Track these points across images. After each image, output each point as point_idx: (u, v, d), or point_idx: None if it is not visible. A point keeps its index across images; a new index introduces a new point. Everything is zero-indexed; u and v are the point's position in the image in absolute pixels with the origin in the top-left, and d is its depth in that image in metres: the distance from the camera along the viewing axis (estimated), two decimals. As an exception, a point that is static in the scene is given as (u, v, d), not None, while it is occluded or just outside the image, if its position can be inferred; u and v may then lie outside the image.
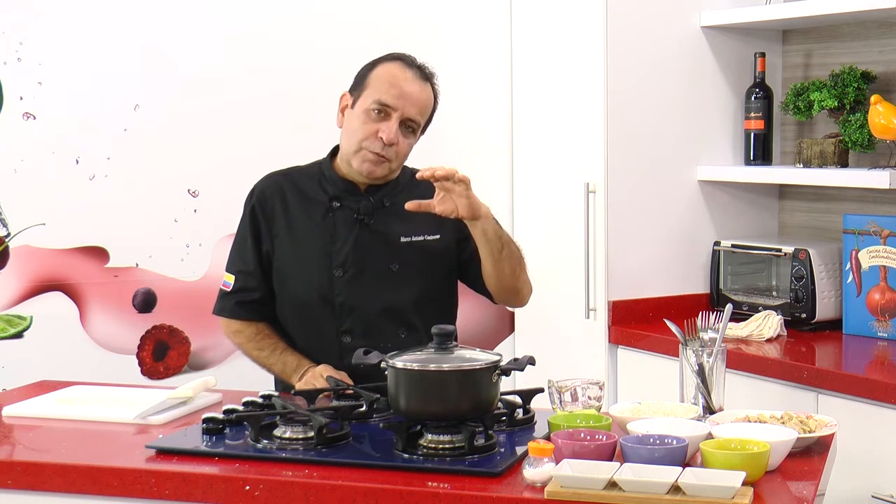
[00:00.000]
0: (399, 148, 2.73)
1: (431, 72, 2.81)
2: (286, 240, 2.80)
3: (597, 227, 3.71)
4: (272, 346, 2.81)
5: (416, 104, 2.73)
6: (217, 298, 2.89)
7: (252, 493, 2.11)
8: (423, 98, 2.75)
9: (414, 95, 2.73)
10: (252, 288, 2.83)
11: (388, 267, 2.76)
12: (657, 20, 3.73)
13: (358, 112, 2.73)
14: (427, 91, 2.77)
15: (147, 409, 2.53)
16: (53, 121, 3.61)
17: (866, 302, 3.38)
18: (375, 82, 2.73)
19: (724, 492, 1.91)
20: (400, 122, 2.71)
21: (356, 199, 2.78)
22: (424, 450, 2.19)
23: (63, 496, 2.22)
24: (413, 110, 2.73)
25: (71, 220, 3.64)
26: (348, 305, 2.75)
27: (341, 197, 2.79)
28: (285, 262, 2.80)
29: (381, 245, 2.77)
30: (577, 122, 3.78)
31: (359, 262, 2.75)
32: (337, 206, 2.78)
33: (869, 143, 3.44)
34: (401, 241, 2.77)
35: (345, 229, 2.77)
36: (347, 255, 2.76)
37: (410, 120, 2.73)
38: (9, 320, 3.58)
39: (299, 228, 2.80)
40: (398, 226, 2.78)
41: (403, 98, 2.71)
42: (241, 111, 3.82)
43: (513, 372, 2.32)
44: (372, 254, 2.76)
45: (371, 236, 2.77)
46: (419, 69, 2.77)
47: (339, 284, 2.75)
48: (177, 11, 3.74)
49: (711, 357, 2.45)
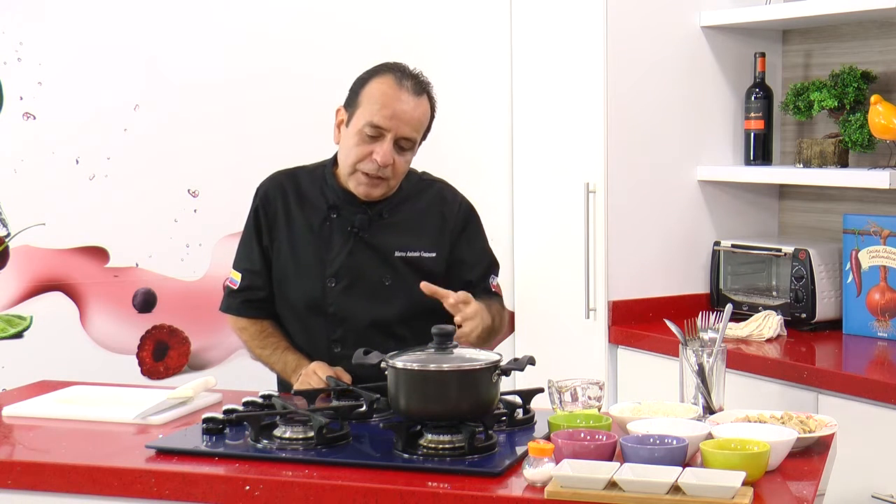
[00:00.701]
0: (395, 167, 2.70)
1: (426, 82, 2.74)
2: (285, 242, 2.81)
3: (597, 227, 3.70)
4: (274, 345, 2.82)
5: (409, 122, 2.68)
6: (224, 296, 2.91)
7: (252, 493, 2.12)
8: (418, 115, 2.69)
9: (407, 114, 2.67)
10: (258, 287, 2.84)
11: (381, 280, 2.76)
12: (657, 20, 3.72)
13: (351, 132, 2.70)
14: (422, 106, 2.71)
15: (147, 409, 2.53)
16: (53, 121, 3.60)
17: (866, 302, 3.38)
18: (367, 102, 2.68)
19: (724, 492, 1.91)
20: (394, 143, 2.68)
21: (353, 211, 2.77)
22: (424, 450, 2.19)
23: (63, 496, 2.22)
24: (407, 129, 2.68)
25: (71, 220, 3.64)
26: (340, 316, 2.76)
27: (339, 206, 2.78)
28: (283, 265, 2.81)
29: (375, 258, 2.76)
30: (577, 122, 3.78)
31: (351, 274, 2.75)
32: (335, 216, 2.78)
33: (869, 143, 3.43)
34: (395, 256, 2.77)
35: (340, 240, 2.77)
36: (341, 266, 2.76)
37: (405, 139, 2.69)
38: (9, 320, 3.58)
39: (298, 232, 2.80)
40: (393, 239, 2.77)
41: (396, 118, 2.66)
42: (242, 112, 3.82)
43: (513, 372, 2.32)
44: (365, 267, 2.76)
45: (365, 249, 2.76)
46: (413, 82, 2.70)
47: (331, 294, 2.76)
48: (177, 12, 3.74)
49: (711, 357, 2.45)
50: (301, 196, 2.82)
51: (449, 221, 2.80)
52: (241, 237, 2.90)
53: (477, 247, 2.87)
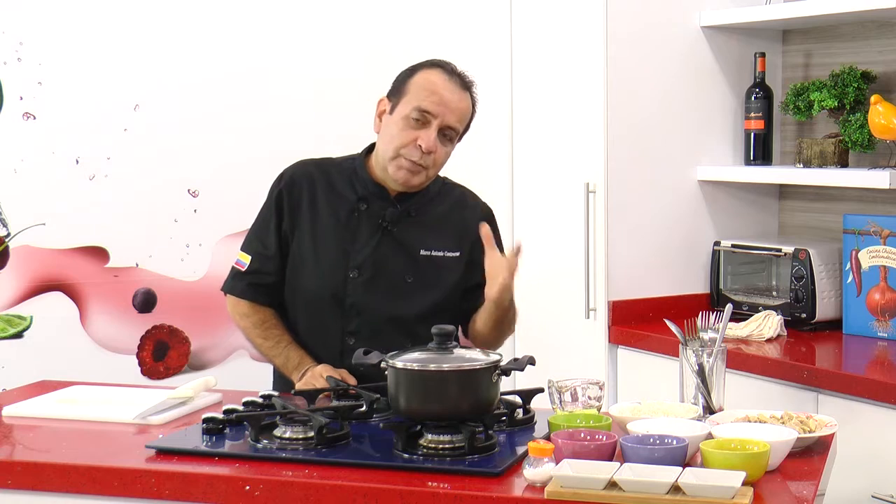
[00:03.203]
0: (437, 156, 2.71)
1: (471, 80, 2.78)
2: (307, 231, 2.78)
3: (597, 227, 3.70)
4: (277, 338, 2.80)
5: (455, 112, 2.70)
6: (228, 277, 2.85)
7: (252, 493, 2.12)
8: (463, 106, 2.73)
9: (454, 103, 2.70)
10: (268, 272, 2.81)
11: (403, 278, 2.76)
12: (657, 20, 3.72)
13: (396, 118, 2.71)
14: (466, 100, 2.74)
15: (147, 409, 2.53)
16: (53, 121, 3.61)
17: (866, 302, 3.38)
18: (415, 89, 2.70)
19: (724, 492, 1.91)
20: (438, 131, 2.69)
21: (383, 205, 2.77)
22: (424, 450, 2.19)
23: (63, 496, 2.22)
24: (452, 118, 2.70)
25: (71, 220, 3.64)
26: (357, 308, 2.74)
27: (369, 199, 2.78)
28: (303, 254, 2.78)
29: (400, 255, 2.76)
30: (577, 122, 3.78)
31: (375, 268, 2.75)
32: (364, 208, 2.77)
33: (869, 143, 3.43)
34: (420, 254, 2.77)
35: (367, 232, 2.76)
36: (366, 258, 2.75)
37: (449, 128, 2.70)
38: (9, 320, 3.58)
39: (322, 223, 2.78)
40: (420, 237, 2.78)
41: (443, 105, 2.68)
42: (242, 112, 3.83)
43: (513, 372, 2.32)
44: (390, 262, 2.76)
45: (392, 245, 2.76)
46: (459, 77, 2.75)
47: (352, 285, 2.75)
48: (177, 12, 3.75)
49: (711, 357, 2.45)
50: (329, 186, 2.80)
51: (470, 224, 2.81)
52: (255, 220, 2.85)
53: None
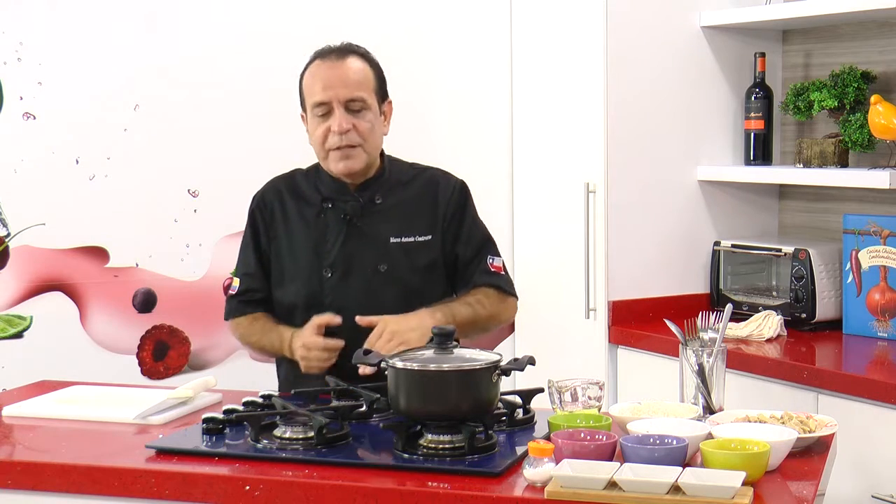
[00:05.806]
0: (360, 130, 2.72)
1: (352, 47, 2.79)
2: (283, 241, 2.82)
3: (597, 227, 3.70)
4: (262, 328, 2.82)
5: (344, 84, 2.71)
6: (225, 304, 2.92)
7: (252, 493, 2.12)
8: (350, 74, 2.72)
9: (338, 77, 2.71)
10: (255, 289, 2.85)
11: (376, 268, 2.76)
12: (657, 20, 3.73)
13: (309, 123, 2.78)
14: (351, 65, 2.73)
15: (147, 409, 2.53)
16: (53, 121, 3.61)
17: (866, 302, 3.38)
18: (305, 90, 2.77)
19: (724, 492, 1.91)
20: (344, 109, 2.71)
21: (346, 199, 2.78)
22: (424, 450, 2.19)
23: (63, 496, 2.22)
24: (345, 91, 2.71)
25: (71, 220, 3.64)
26: (336, 307, 2.74)
27: (333, 197, 2.80)
28: (282, 265, 2.82)
29: (370, 247, 2.77)
30: (577, 122, 3.78)
31: (346, 263, 2.76)
32: (328, 207, 2.79)
33: (869, 143, 3.43)
34: (390, 242, 2.77)
35: (335, 230, 2.78)
36: (336, 255, 2.76)
37: (350, 100, 2.72)
38: (9, 320, 3.58)
39: (295, 230, 2.82)
40: (387, 225, 2.78)
41: (329, 87, 2.70)
42: (242, 111, 3.82)
43: (513, 372, 2.32)
44: (360, 254, 2.76)
45: (360, 237, 2.77)
46: (335, 52, 2.76)
47: (328, 285, 2.76)
48: (177, 12, 3.74)
49: (711, 357, 2.45)
50: (297, 194, 2.84)
51: (441, 204, 2.81)
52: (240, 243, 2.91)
53: (469, 225, 2.86)
